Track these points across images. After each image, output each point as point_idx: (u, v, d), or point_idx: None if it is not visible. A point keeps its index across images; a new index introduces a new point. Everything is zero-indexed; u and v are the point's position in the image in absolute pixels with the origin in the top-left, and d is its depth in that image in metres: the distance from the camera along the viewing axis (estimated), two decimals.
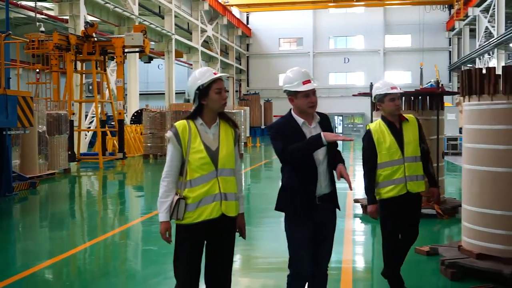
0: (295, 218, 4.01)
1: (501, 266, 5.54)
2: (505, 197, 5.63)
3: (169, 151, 3.74)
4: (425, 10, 47.11)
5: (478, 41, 38.31)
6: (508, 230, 5.62)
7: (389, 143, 5.01)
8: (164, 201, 3.71)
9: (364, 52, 50.14)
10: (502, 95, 5.60)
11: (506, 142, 5.60)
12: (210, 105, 3.71)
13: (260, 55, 52.08)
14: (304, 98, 3.95)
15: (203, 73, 3.73)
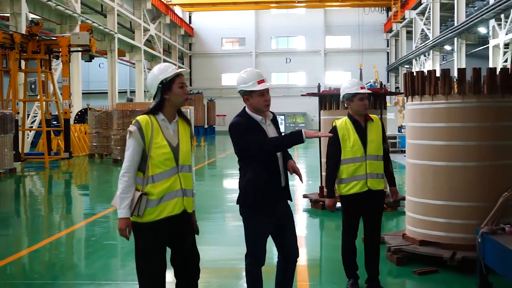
0: (259, 211, 4.27)
1: (441, 251, 6.07)
2: (444, 188, 6.15)
3: (131, 146, 3.67)
4: (364, 12, 48.44)
5: (415, 42, 39.83)
6: (448, 219, 6.14)
7: (353, 140, 5.14)
8: (124, 196, 3.64)
9: (305, 52, 50.99)
10: (442, 95, 6.12)
11: (445, 139, 6.12)
12: (172, 100, 3.72)
13: (203, 55, 52.20)
14: (259, 97, 4.22)
15: (166, 67, 3.76)
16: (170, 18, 42.61)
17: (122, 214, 3.64)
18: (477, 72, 6.09)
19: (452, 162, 6.14)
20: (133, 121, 3.74)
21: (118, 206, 3.65)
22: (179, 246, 3.85)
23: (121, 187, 3.64)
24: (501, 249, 4.88)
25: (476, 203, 6.08)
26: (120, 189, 3.64)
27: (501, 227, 5.30)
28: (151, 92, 3.75)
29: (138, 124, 3.66)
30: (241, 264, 4.45)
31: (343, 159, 5.17)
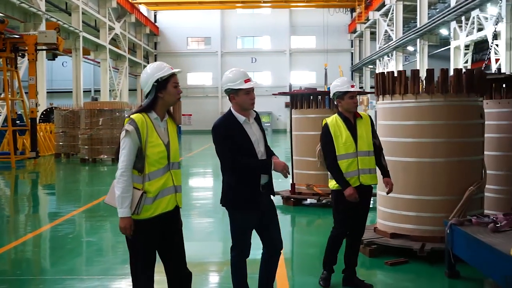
0: (244, 207, 4.46)
1: (411, 243, 6.38)
2: (414, 183, 6.45)
3: (127, 145, 3.70)
4: (329, 12, 48.96)
5: (378, 43, 40.48)
6: (417, 212, 6.45)
7: (345, 137, 5.21)
8: (126, 196, 3.66)
9: (270, 52, 51.29)
10: (411, 94, 6.43)
11: (415, 136, 6.42)
12: (166, 98, 3.78)
13: (168, 54, 51.97)
14: (245, 96, 4.38)
15: (161, 66, 3.82)
16: (136, 16, 42.42)
17: (125, 213, 3.67)
18: (444, 72, 6.41)
19: (421, 158, 6.44)
20: (126, 120, 3.75)
21: (120, 206, 3.67)
22: (171, 241, 3.95)
23: (121, 187, 3.66)
24: (468, 239, 5.18)
25: (443, 197, 6.39)
26: (121, 188, 3.66)
27: (468, 218, 5.63)
28: (144, 90, 3.80)
29: (135, 123, 3.69)
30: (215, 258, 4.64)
31: (337, 155, 5.24)
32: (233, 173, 4.41)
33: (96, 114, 19.62)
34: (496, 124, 7.29)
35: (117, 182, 3.68)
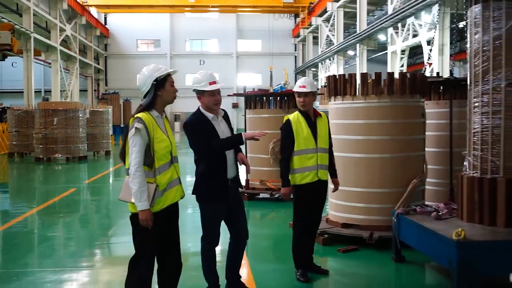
0: (214, 199, 4.63)
1: (361, 232, 6.68)
2: (363, 177, 6.74)
3: (137, 143, 3.75)
4: (274, 18, 49.25)
5: (320, 47, 41.04)
6: (366, 203, 6.75)
7: (306, 133, 5.31)
8: (143, 190, 3.72)
9: (218, 55, 51.16)
10: (361, 96, 6.73)
11: (364, 134, 6.71)
12: (164, 96, 3.91)
13: (118, 55, 51.09)
14: (210, 97, 4.59)
15: (158, 67, 3.93)
16: (86, 19, 41.51)
17: (144, 206, 3.74)
18: (391, 76, 6.74)
19: (370, 154, 6.73)
20: (132, 120, 3.82)
21: (139, 199, 3.73)
22: (173, 231, 4.10)
23: (138, 182, 3.71)
24: (414, 227, 5.48)
25: (390, 189, 6.70)
26: (137, 183, 3.71)
27: (412, 208, 5.93)
28: (143, 89, 3.91)
29: (143, 121, 3.78)
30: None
31: (297, 150, 5.32)
32: (209, 161, 4.55)
33: (50, 114, 19.22)
34: (435, 123, 7.70)
35: (133, 177, 3.74)
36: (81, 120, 19.97)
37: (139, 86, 3.95)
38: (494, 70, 5.06)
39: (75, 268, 6.16)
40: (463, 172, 5.49)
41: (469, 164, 5.39)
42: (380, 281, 5.59)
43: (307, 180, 5.35)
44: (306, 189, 5.36)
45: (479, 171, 5.24)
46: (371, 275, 5.72)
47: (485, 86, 5.13)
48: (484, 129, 5.17)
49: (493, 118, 5.10)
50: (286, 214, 8.71)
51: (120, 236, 7.96)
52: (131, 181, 3.74)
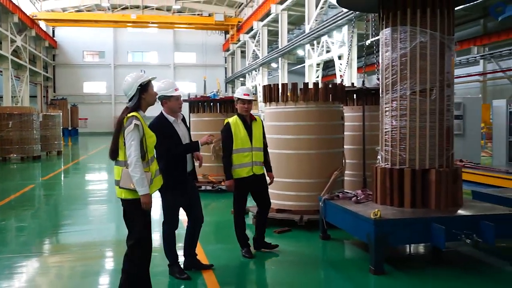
0: (175, 190, 4.75)
1: (293, 215, 6.94)
2: (294, 170, 7.01)
3: (135, 137, 3.81)
4: (207, 34, 49.21)
5: (247, 60, 41.30)
6: (296, 192, 7.00)
7: (243, 134, 5.42)
8: (144, 177, 3.82)
9: (157, 66, 50.25)
10: (292, 102, 7.00)
11: (294, 133, 6.98)
12: (147, 99, 3.99)
13: (66, 65, 49.18)
14: (175, 101, 4.76)
15: (139, 74, 4.03)
16: (36, 31, 39.71)
17: (146, 191, 3.85)
18: (316, 85, 7.06)
19: (299, 151, 6.99)
20: (126, 119, 3.87)
21: (141, 186, 3.81)
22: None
23: (139, 170, 3.80)
24: (338, 209, 5.79)
25: (316, 179, 7.00)
26: (139, 171, 3.80)
27: (336, 194, 6.25)
28: (128, 93, 3.97)
29: (138, 119, 3.88)
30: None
31: (235, 149, 5.43)
32: (167, 160, 4.66)
33: (5, 118, 18.40)
34: (351, 124, 8.09)
35: (134, 167, 3.81)
36: (35, 123, 19.23)
37: (125, 91, 4.00)
38: (401, 81, 5.45)
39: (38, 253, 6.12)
40: (376, 164, 5.86)
41: (381, 157, 5.77)
42: (310, 256, 5.83)
43: (244, 174, 5.48)
44: (243, 182, 5.48)
45: (389, 163, 5.62)
46: (302, 252, 5.95)
47: (394, 94, 5.51)
48: (393, 129, 5.56)
49: (400, 120, 5.49)
50: (225, 204, 8.87)
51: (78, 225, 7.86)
52: (132, 170, 3.81)
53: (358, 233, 5.32)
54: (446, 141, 5.47)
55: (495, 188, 8.30)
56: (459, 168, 5.54)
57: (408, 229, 4.96)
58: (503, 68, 30.14)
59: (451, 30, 5.40)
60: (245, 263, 5.49)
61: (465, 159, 12.22)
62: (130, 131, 3.84)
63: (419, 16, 5.32)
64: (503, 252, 5.58)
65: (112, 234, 7.29)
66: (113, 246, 6.47)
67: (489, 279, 4.85)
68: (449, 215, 5.09)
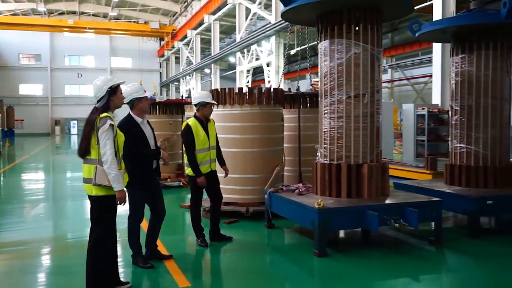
0: (141, 186, 4.72)
1: (240, 208, 7.04)
2: (240, 166, 7.08)
3: (110, 136, 3.75)
4: (143, 40, 48.24)
5: (182, 66, 40.96)
6: (242, 186, 7.10)
7: (203, 135, 5.46)
8: (119, 174, 3.78)
9: (94, 69, 48.41)
10: (238, 105, 7.11)
11: (240, 133, 7.08)
12: (116, 101, 3.93)
13: (1, 67, 46.35)
14: (146, 102, 4.77)
15: (109, 77, 3.97)
16: None
17: (122, 187, 3.82)
18: (260, 90, 7.22)
19: (244, 149, 7.11)
20: (99, 119, 3.77)
21: (118, 182, 3.77)
22: None
23: (115, 167, 3.75)
24: (284, 201, 5.98)
25: (259, 175, 7.13)
26: (115, 169, 3.75)
27: (279, 187, 6.44)
28: (98, 95, 3.88)
29: (111, 119, 3.82)
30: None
31: (197, 150, 5.46)
32: (136, 158, 4.62)
33: None
34: (288, 125, 8.33)
35: (111, 164, 3.75)
36: None
37: (94, 92, 3.92)
38: (338, 87, 5.72)
39: None
40: (316, 160, 6.11)
41: (320, 154, 6.02)
42: (259, 243, 5.98)
43: (204, 171, 5.57)
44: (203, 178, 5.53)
45: (328, 159, 5.88)
46: (251, 240, 6.08)
47: (332, 98, 5.78)
48: (331, 129, 5.82)
49: (337, 121, 5.75)
50: (171, 199, 8.80)
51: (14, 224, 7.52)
52: (109, 167, 3.75)
53: (303, 221, 5.52)
54: (376, 139, 5.81)
55: (407, 180, 8.86)
56: (386, 163, 5.91)
57: (346, 216, 5.23)
58: (408, 76, 32.00)
59: (379, 43, 5.75)
60: (201, 251, 5.53)
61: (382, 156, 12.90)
62: (105, 131, 3.78)
63: (353, 31, 5.62)
64: (421, 234, 6.00)
65: (49, 232, 6.91)
66: (51, 244, 6.14)
67: (412, 256, 5.23)
68: (380, 203, 5.41)
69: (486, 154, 6.46)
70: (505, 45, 6.40)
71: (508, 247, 5.58)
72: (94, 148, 3.83)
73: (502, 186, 6.44)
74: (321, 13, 5.84)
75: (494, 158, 6.46)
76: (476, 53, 6.41)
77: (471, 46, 6.45)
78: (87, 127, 3.86)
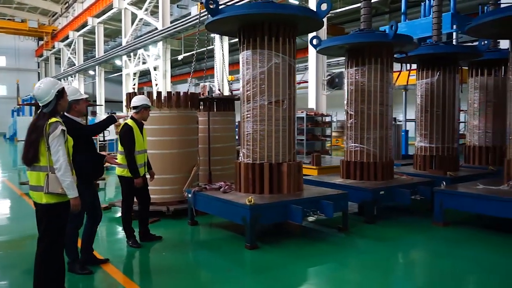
0: (89, 188, 4.35)
1: (161, 207, 6.73)
2: (159, 167, 6.65)
3: (62, 142, 3.33)
4: (19, 38, 43.41)
5: (63, 67, 37.87)
6: (161, 186, 6.81)
7: (141, 138, 5.18)
8: (73, 181, 3.37)
9: None
10: (157, 108, 6.78)
11: (159, 135, 6.77)
12: (62, 105, 3.54)
13: None
14: (84, 104, 4.33)
15: (55, 81, 3.52)
16: None
17: (76, 194, 3.40)
18: (178, 94, 6.96)
19: (163, 150, 6.84)
20: (48, 124, 3.31)
21: (72, 189, 3.36)
22: None
23: (69, 174, 3.35)
24: (209, 199, 5.89)
25: (177, 175, 6.92)
26: (69, 176, 3.35)
27: (203, 186, 6.30)
28: (45, 99, 3.40)
29: (62, 124, 3.37)
30: None
31: (136, 151, 5.16)
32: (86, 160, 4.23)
33: None
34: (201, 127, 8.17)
35: (65, 171, 3.32)
36: None
37: (41, 96, 3.41)
38: (260, 94, 5.78)
39: None
40: (239, 160, 6.09)
41: (243, 154, 6.02)
42: (187, 240, 5.80)
43: (141, 173, 5.27)
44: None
45: (251, 159, 5.91)
46: (179, 237, 5.85)
47: (255, 103, 5.81)
48: (254, 132, 5.85)
49: (260, 124, 5.82)
50: None
51: None
52: (63, 174, 3.31)
53: (233, 217, 5.47)
54: (293, 141, 5.99)
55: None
56: (301, 161, 6.12)
57: (273, 210, 5.31)
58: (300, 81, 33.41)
59: (294, 54, 5.93)
60: (135, 252, 5.18)
61: None
62: (56, 137, 3.33)
63: (274, 43, 5.71)
64: (331, 223, 6.33)
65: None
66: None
67: (330, 243, 5.49)
68: (301, 197, 5.59)
69: (376, 152, 7.06)
70: (389, 60, 7.04)
71: (397, 230, 6.15)
72: (43, 155, 3.35)
73: (387, 179, 7.09)
74: (243, 26, 5.83)
75: (381, 155, 7.08)
76: (367, 66, 6.95)
77: (364, 60, 6.98)
78: (34, 134, 3.37)
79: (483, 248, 5.28)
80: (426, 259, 5.00)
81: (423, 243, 5.59)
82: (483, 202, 5.70)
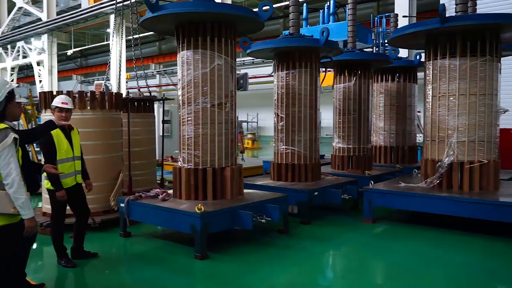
0: None
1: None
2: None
3: (12, 154, 2.83)
4: None
5: None
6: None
7: (66, 144, 4.70)
8: (28, 199, 2.92)
9: None
10: (78, 109, 6.19)
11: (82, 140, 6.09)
12: (13, 108, 3.07)
13: None
14: (17, 106, 3.72)
15: (6, 81, 3.01)
16: None
17: (32, 213, 2.96)
18: (102, 94, 6.41)
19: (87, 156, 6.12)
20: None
21: (28, 208, 2.90)
22: None
23: (23, 191, 2.90)
24: (147, 208, 5.50)
25: (102, 182, 6.38)
26: (24, 193, 2.89)
27: (139, 195, 5.86)
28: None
29: (13, 131, 2.83)
30: None
31: (60, 159, 4.64)
32: None
33: None
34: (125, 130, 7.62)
35: (18, 188, 2.81)
36: None
37: None
38: (202, 96, 5.57)
39: None
40: (179, 165, 5.79)
41: (183, 159, 5.74)
42: (127, 255, 5.40)
43: (70, 184, 4.77)
44: (67, 192, 4.71)
45: (193, 164, 5.67)
46: (115, 252, 5.41)
47: (197, 106, 5.58)
48: (196, 136, 5.62)
49: (202, 128, 5.60)
50: None
51: None
52: (16, 191, 2.82)
53: (178, 226, 5.17)
54: (234, 144, 5.88)
55: None
56: (241, 165, 6.03)
57: (222, 217, 5.15)
58: (174, 82, 32.93)
59: (235, 56, 5.83)
60: (71, 273, 4.62)
61: (174, 156, 12.88)
62: (7, 146, 2.83)
63: (217, 43, 5.55)
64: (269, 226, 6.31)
65: None
66: None
67: (277, 246, 5.49)
68: (247, 202, 5.51)
69: (306, 154, 7.27)
70: (318, 65, 7.31)
71: (333, 229, 6.40)
72: None
73: (316, 179, 7.35)
74: (184, 24, 5.56)
75: (311, 157, 7.31)
76: (298, 70, 7.13)
77: (294, 64, 7.14)
78: None
79: (416, 241, 5.74)
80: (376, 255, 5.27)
81: (363, 240, 5.87)
82: (409, 199, 6.21)
